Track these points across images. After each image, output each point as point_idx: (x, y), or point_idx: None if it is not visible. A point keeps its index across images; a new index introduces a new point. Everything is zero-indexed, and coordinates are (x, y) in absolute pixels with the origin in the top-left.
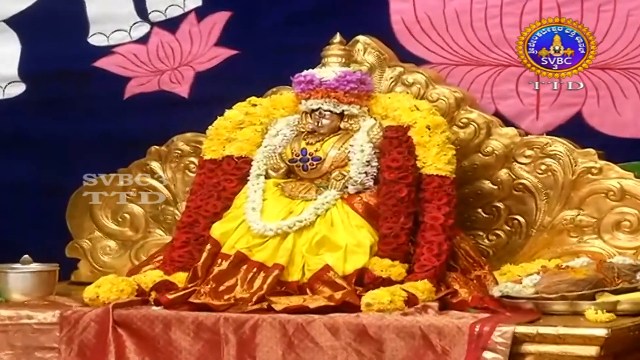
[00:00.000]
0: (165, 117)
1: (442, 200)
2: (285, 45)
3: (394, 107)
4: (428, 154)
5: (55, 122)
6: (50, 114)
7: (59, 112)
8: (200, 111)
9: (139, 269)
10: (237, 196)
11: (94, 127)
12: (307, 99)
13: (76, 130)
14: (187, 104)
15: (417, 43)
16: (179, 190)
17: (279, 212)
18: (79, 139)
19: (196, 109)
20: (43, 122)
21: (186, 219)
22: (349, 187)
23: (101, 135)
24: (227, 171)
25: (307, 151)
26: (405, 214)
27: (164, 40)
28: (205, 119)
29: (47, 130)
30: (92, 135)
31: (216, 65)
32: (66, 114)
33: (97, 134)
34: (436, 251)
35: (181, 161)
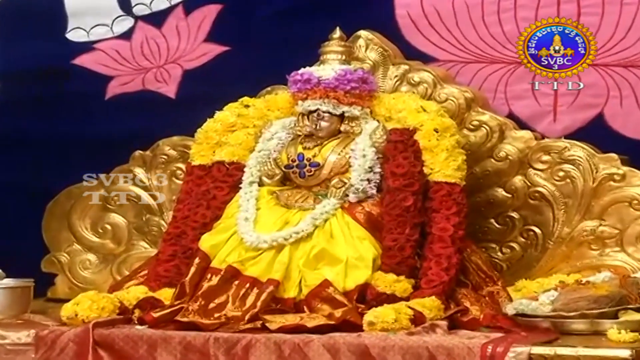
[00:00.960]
0: (150, 119)
1: (451, 210)
2: (281, 41)
3: (399, 108)
4: (436, 160)
5: (30, 124)
6: (25, 116)
7: (35, 113)
8: (189, 113)
9: (121, 284)
10: (229, 205)
11: (72, 130)
12: (304, 100)
13: (53, 133)
14: (174, 105)
15: (424, 39)
16: (165, 199)
17: (274, 223)
18: (56, 143)
19: (184, 110)
20: (17, 124)
21: (173, 230)
22: (349, 196)
23: (80, 138)
24: (217, 178)
25: (304, 156)
26: (411, 225)
27: (149, 35)
28: (194, 121)
29: (22, 133)
30: (70, 139)
31: (206, 62)
32: (42, 116)
33: (76, 137)
34: (445, 265)
35: (167, 167)
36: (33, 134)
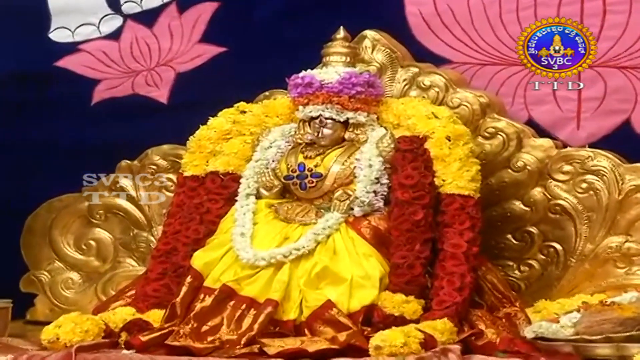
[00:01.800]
0: (139, 126)
1: (464, 225)
2: (281, 42)
3: (408, 114)
4: (448, 170)
5: (8, 132)
6: (3, 124)
7: (13, 121)
8: (181, 119)
9: (106, 305)
10: (223, 219)
11: (55, 138)
12: (305, 105)
13: (34, 142)
14: (165, 111)
15: (436, 39)
16: (154, 213)
17: (273, 239)
18: (37, 153)
19: (176, 116)
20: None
21: (163, 247)
22: (354, 209)
23: (64, 147)
24: (211, 190)
25: (305, 166)
26: (421, 241)
27: (139, 35)
28: (186, 128)
29: (1, 142)
30: (52, 148)
31: (200, 65)
32: (22, 123)
33: (59, 146)
34: (458, 284)
35: (157, 178)
36: (12, 143)
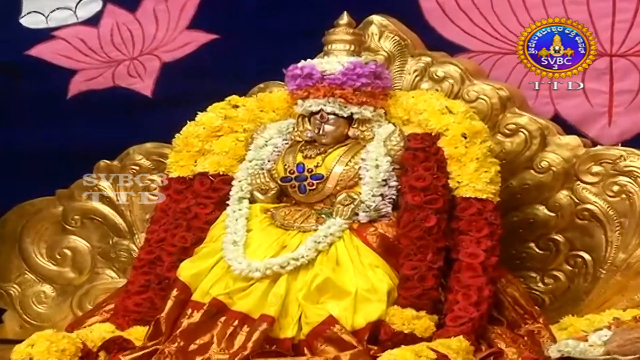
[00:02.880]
0: (119, 122)
1: (482, 232)
2: (278, 29)
3: (419, 109)
4: (464, 171)
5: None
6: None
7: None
8: (166, 114)
9: (82, 321)
10: (213, 226)
11: (26, 136)
12: (305, 99)
13: (3, 139)
14: (149, 105)
15: (451, 25)
16: (136, 218)
17: (268, 247)
18: (6, 153)
19: (161, 111)
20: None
21: (146, 256)
22: (359, 215)
23: (36, 146)
24: (199, 193)
25: (304, 167)
26: (433, 250)
27: (121, 21)
28: (172, 124)
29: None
30: (24, 146)
31: (188, 54)
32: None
33: (31, 144)
34: (475, 298)
35: (140, 180)
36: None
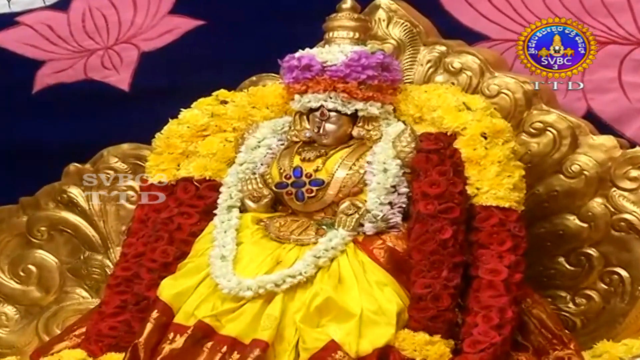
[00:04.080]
0: (92, 120)
1: (504, 245)
2: (272, 14)
3: (433, 105)
4: (484, 176)
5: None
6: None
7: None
8: (145, 111)
9: (50, 347)
10: (199, 238)
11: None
12: (303, 93)
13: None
14: (126, 100)
15: (469, 9)
16: (110, 230)
17: (261, 263)
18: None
19: (139, 107)
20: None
21: (122, 273)
22: (365, 226)
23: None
24: (183, 201)
25: (302, 171)
26: (449, 266)
27: (94, 5)
28: (152, 122)
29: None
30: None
31: (170, 42)
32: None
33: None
34: (496, 321)
35: (115, 186)
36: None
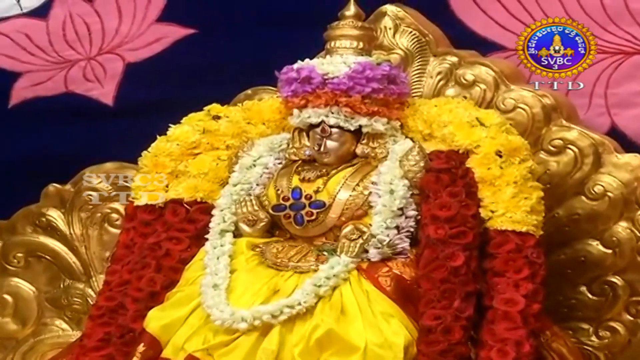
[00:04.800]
0: (73, 137)
1: (521, 273)
2: (269, 22)
3: (444, 120)
4: (499, 198)
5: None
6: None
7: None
8: (131, 127)
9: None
10: (189, 266)
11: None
12: (302, 108)
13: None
14: (110, 116)
15: (483, 16)
16: (93, 256)
17: (257, 292)
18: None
19: (124, 123)
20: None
21: (105, 303)
22: (370, 252)
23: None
24: (172, 225)
25: (302, 192)
26: (461, 295)
27: (75, 12)
28: (139, 139)
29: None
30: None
31: (158, 53)
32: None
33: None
34: (512, 355)
35: (97, 209)
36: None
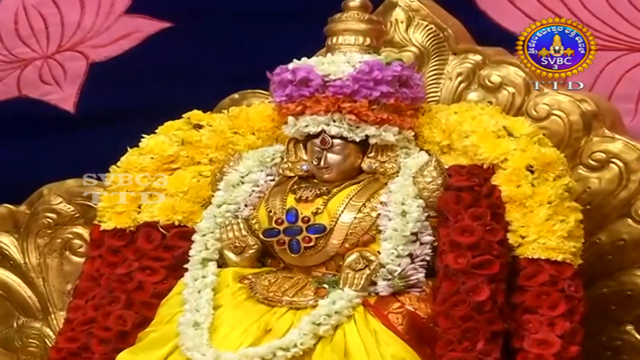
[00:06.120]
0: (28, 150)
1: (557, 310)
2: (259, 14)
3: (465, 130)
4: (530, 221)
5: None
6: None
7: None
8: (96, 138)
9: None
10: (165, 301)
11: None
12: (298, 115)
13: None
14: (72, 124)
15: (511, 7)
16: (52, 290)
17: (246, 332)
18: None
19: (88, 133)
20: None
21: (67, 345)
22: (378, 284)
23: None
24: (145, 253)
25: (298, 214)
26: (486, 335)
27: (30, 2)
28: (105, 152)
29: None
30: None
31: (128, 50)
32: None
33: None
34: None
35: (57, 234)
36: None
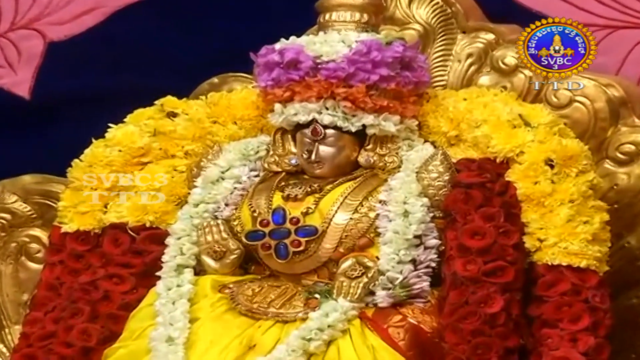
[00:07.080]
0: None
1: (580, 323)
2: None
3: (476, 119)
4: (550, 222)
5: None
6: None
7: None
8: (56, 128)
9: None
10: (135, 313)
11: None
12: (286, 102)
13: None
14: (27, 113)
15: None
16: (5, 300)
17: (227, 348)
18: None
19: (46, 123)
20: None
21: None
22: (377, 294)
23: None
24: (112, 258)
25: (286, 215)
26: (499, 353)
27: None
28: (67, 144)
29: None
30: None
31: (91, 27)
32: None
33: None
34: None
35: (12, 237)
36: None
